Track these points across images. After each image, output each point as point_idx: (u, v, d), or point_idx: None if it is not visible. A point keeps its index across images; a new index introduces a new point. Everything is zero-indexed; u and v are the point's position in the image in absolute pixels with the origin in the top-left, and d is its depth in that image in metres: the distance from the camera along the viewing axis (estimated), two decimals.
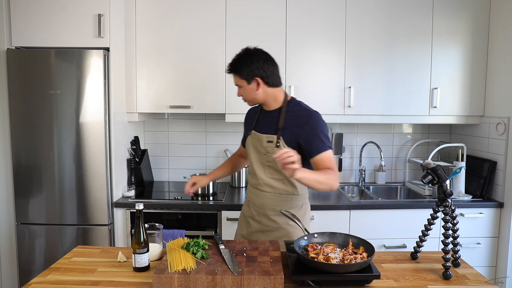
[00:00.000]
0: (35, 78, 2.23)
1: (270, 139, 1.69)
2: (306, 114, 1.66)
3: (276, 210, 1.73)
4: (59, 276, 1.36)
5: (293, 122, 1.66)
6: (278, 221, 1.74)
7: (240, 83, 1.70)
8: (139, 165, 2.67)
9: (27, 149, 2.27)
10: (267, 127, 1.72)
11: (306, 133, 1.62)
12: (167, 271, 1.25)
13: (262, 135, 1.71)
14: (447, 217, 1.41)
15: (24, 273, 2.33)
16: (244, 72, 1.66)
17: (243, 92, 1.72)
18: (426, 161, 1.46)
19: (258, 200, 1.78)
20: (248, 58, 1.66)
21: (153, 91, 2.55)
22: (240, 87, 1.71)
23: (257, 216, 1.79)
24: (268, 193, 1.75)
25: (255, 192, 1.79)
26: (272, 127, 1.70)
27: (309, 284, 1.27)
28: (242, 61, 1.67)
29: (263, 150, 1.72)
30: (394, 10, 2.54)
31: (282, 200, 1.74)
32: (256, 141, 1.75)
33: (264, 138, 1.70)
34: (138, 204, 1.40)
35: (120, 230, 2.38)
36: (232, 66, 1.70)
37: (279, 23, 2.52)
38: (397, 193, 2.91)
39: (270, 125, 1.71)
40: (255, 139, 1.75)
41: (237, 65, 1.68)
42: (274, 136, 1.68)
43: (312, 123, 1.63)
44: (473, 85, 2.60)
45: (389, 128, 3.02)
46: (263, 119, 1.78)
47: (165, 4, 2.50)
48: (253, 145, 1.77)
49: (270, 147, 1.68)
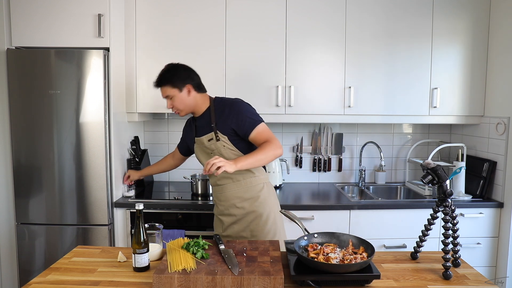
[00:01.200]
0: (35, 78, 2.23)
1: (209, 137, 1.85)
2: (229, 103, 1.86)
3: (240, 197, 1.87)
4: (59, 276, 1.36)
5: (222, 114, 1.84)
6: (245, 206, 1.87)
7: (172, 93, 1.83)
8: (139, 165, 2.67)
9: (27, 149, 2.27)
10: (204, 129, 1.88)
11: (235, 118, 1.80)
12: (167, 271, 1.25)
13: (202, 137, 1.88)
14: (447, 217, 1.41)
15: (24, 273, 2.33)
16: (175, 81, 1.82)
17: (175, 102, 1.85)
18: (426, 161, 1.46)
19: (223, 195, 1.90)
20: (176, 70, 1.85)
21: (153, 91, 2.54)
22: (171, 98, 1.84)
23: (225, 210, 1.90)
24: (228, 185, 1.88)
25: (218, 189, 1.92)
26: (207, 127, 1.87)
27: (309, 284, 1.27)
28: (171, 72, 1.84)
29: (208, 150, 1.88)
30: (394, 10, 2.54)
31: (243, 186, 1.87)
32: (201, 145, 1.91)
33: (204, 139, 1.87)
34: (138, 204, 1.40)
35: (120, 230, 2.38)
36: (163, 78, 1.83)
37: (279, 23, 2.52)
38: (397, 193, 2.91)
39: (205, 126, 1.88)
40: (199, 144, 1.91)
41: (167, 77, 1.83)
42: (211, 133, 1.84)
43: (236, 108, 1.83)
44: (473, 85, 2.60)
45: (389, 128, 3.02)
46: (199, 125, 1.93)
47: (165, 4, 2.50)
48: (201, 150, 1.93)
49: (213, 144, 1.84)
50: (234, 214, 1.89)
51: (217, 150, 1.84)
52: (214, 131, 1.83)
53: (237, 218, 1.88)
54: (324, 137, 2.97)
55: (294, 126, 2.97)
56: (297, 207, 2.37)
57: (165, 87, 1.84)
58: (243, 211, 1.87)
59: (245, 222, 1.87)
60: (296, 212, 1.82)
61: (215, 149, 1.85)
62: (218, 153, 1.84)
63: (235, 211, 1.88)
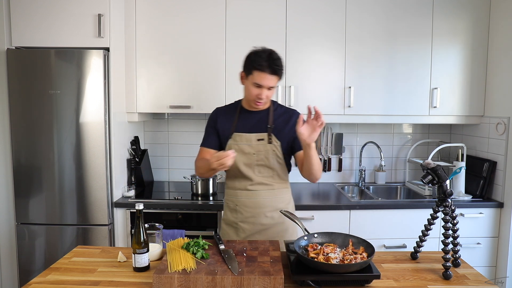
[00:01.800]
0: (35, 78, 2.23)
1: (260, 136, 1.73)
2: (290, 112, 1.79)
3: (271, 206, 1.76)
4: (59, 276, 1.36)
5: (283, 120, 1.76)
6: (275, 216, 1.77)
7: (276, 84, 1.67)
8: (139, 165, 2.67)
9: (27, 149, 2.27)
10: (254, 127, 1.74)
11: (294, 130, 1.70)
12: (167, 271, 1.25)
13: (251, 135, 1.73)
14: (447, 217, 1.41)
15: (24, 273, 2.33)
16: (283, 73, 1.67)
17: (270, 93, 1.68)
18: (426, 161, 1.46)
19: (251, 200, 1.76)
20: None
21: (153, 91, 2.55)
22: (270, 89, 1.67)
23: (251, 217, 1.76)
24: (262, 191, 1.76)
25: (246, 194, 1.77)
26: (260, 126, 1.74)
27: (309, 284, 1.27)
28: (283, 64, 1.66)
29: (252, 150, 1.73)
30: (394, 10, 2.54)
31: (276, 195, 1.78)
32: (241, 143, 1.73)
33: (253, 137, 1.73)
34: (138, 204, 1.40)
35: (120, 230, 2.38)
36: (280, 68, 1.64)
37: (279, 23, 2.52)
38: (397, 193, 2.91)
39: (258, 124, 1.75)
40: (241, 141, 1.73)
41: (282, 67, 1.65)
42: (265, 133, 1.73)
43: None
44: (473, 85, 2.60)
45: (389, 128, 3.02)
46: (245, 119, 1.76)
47: (165, 4, 2.50)
48: (237, 147, 1.73)
49: (261, 144, 1.72)
50: (261, 223, 1.76)
51: (264, 153, 1.72)
52: (268, 132, 1.72)
53: (263, 228, 1.76)
54: (324, 137, 2.97)
55: None
56: (297, 207, 2.35)
57: (276, 77, 1.64)
58: (272, 221, 1.76)
59: (271, 233, 1.77)
60: (296, 212, 1.82)
61: (262, 151, 1.72)
62: (263, 156, 1.73)
63: (263, 220, 1.76)
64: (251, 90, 1.66)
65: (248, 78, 1.67)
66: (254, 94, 1.66)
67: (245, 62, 1.70)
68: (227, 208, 1.84)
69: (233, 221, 1.81)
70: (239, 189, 1.79)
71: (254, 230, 1.77)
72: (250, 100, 1.70)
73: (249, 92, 1.67)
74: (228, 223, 1.83)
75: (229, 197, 1.83)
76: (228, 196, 1.84)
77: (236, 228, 1.80)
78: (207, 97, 2.54)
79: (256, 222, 1.76)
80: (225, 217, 1.86)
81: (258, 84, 1.63)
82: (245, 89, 1.72)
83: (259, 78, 1.62)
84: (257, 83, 1.63)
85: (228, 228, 1.83)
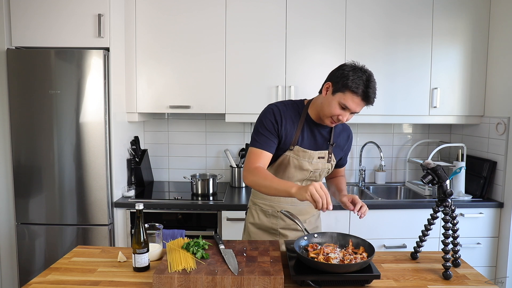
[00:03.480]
0: (35, 78, 2.23)
1: (321, 155, 1.61)
2: (349, 132, 1.73)
3: (310, 213, 1.75)
4: (59, 276, 1.36)
5: (342, 137, 1.69)
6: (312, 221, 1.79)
7: (360, 111, 1.52)
8: (139, 165, 2.67)
9: (27, 149, 2.27)
10: (317, 143, 1.61)
11: (347, 147, 1.73)
12: (167, 271, 1.25)
13: (314, 152, 1.59)
14: (447, 217, 1.41)
15: (24, 273, 2.34)
16: None
17: (350, 118, 1.53)
18: (426, 161, 1.46)
19: (296, 208, 1.69)
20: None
21: (153, 91, 2.55)
22: (352, 114, 1.52)
23: (292, 225, 1.70)
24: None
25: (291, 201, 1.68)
26: (322, 143, 1.62)
27: (309, 284, 1.27)
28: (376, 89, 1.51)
29: (310, 167, 1.60)
30: (394, 10, 2.54)
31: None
32: (303, 159, 1.59)
33: (316, 155, 1.59)
34: (138, 204, 1.40)
35: (120, 230, 2.38)
36: (374, 97, 1.50)
37: (279, 23, 2.52)
38: (397, 193, 2.91)
39: (320, 140, 1.61)
40: (303, 156, 1.58)
41: (375, 97, 1.50)
42: (326, 151, 1.62)
43: (352, 137, 1.75)
44: (473, 85, 2.60)
45: (389, 128, 3.02)
46: (309, 132, 1.60)
47: (165, 4, 2.50)
48: (297, 162, 1.59)
49: (320, 163, 1.61)
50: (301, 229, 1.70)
51: (320, 171, 1.63)
52: (329, 151, 1.62)
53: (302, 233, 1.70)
54: None
55: None
56: None
57: (366, 104, 1.50)
58: (309, 227, 1.74)
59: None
60: None
61: (319, 169, 1.62)
62: (318, 174, 1.63)
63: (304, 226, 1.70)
64: (334, 108, 1.47)
65: (335, 94, 1.48)
66: (336, 113, 1.48)
67: (337, 75, 1.50)
68: (262, 213, 1.72)
69: (270, 227, 1.72)
70: (282, 198, 1.68)
71: (294, 236, 1.72)
72: (326, 117, 1.51)
73: (330, 109, 1.48)
74: (263, 229, 1.73)
75: (268, 202, 1.71)
76: (264, 201, 1.71)
77: (274, 234, 1.72)
78: (207, 97, 2.54)
79: (297, 229, 1.70)
80: (258, 221, 1.73)
81: (345, 106, 1.46)
82: (325, 103, 1.50)
83: (350, 102, 1.45)
84: (346, 105, 1.46)
85: (263, 233, 1.74)
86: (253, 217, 1.75)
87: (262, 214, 1.72)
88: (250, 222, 1.76)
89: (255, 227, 1.75)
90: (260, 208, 1.73)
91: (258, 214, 1.73)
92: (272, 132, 1.54)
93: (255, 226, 1.75)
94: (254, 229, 1.75)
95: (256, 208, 1.74)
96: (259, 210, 1.73)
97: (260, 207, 1.73)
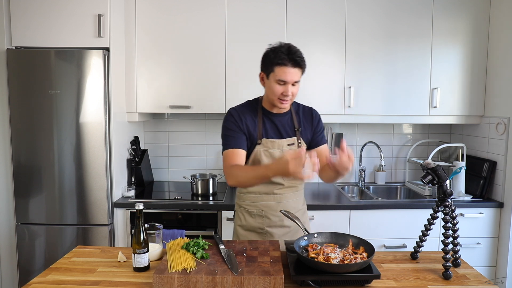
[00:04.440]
0: (35, 78, 2.23)
1: (290, 142, 1.65)
2: (312, 111, 1.73)
3: (296, 208, 1.74)
4: (59, 276, 1.36)
5: (305, 120, 1.70)
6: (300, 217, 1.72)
7: (299, 79, 1.55)
8: (139, 165, 2.67)
9: (27, 149, 2.27)
10: (282, 132, 1.65)
11: (315, 127, 1.71)
12: (167, 271, 1.25)
13: (282, 140, 1.64)
14: (447, 217, 1.41)
15: (24, 273, 2.33)
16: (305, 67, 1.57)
17: (295, 89, 1.56)
18: (426, 161, 1.46)
19: (280, 205, 1.71)
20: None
21: (153, 91, 2.55)
22: (294, 85, 1.55)
23: (279, 221, 1.71)
24: (288, 193, 1.72)
25: (274, 197, 1.71)
26: (289, 130, 1.66)
27: (309, 284, 1.27)
28: (303, 56, 1.55)
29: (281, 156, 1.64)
30: (394, 10, 2.54)
31: (299, 196, 1.77)
32: (273, 149, 1.63)
33: (284, 143, 1.64)
34: (138, 204, 1.40)
35: (120, 230, 2.38)
36: (302, 59, 1.53)
37: (279, 23, 2.52)
38: (397, 193, 2.91)
39: (284, 128, 1.66)
40: (272, 146, 1.63)
41: (304, 59, 1.54)
42: (294, 138, 1.66)
43: (318, 116, 1.74)
44: (473, 85, 2.60)
45: (389, 128, 3.02)
46: (270, 123, 1.66)
47: (165, 4, 2.50)
48: (268, 154, 1.64)
49: (292, 150, 1.63)
50: (288, 226, 1.72)
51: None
52: (297, 137, 1.65)
53: (290, 229, 1.73)
54: None
55: None
56: None
57: (299, 70, 1.53)
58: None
59: (295, 234, 1.73)
60: None
61: None
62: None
63: (290, 222, 1.68)
64: (275, 88, 1.54)
65: (269, 77, 1.56)
66: (279, 92, 1.53)
67: (263, 61, 1.59)
68: (248, 214, 1.74)
69: (258, 227, 1.73)
70: (265, 194, 1.70)
71: (281, 233, 1.73)
72: (275, 100, 1.57)
73: (273, 91, 1.55)
74: (251, 229, 1.74)
75: (252, 202, 1.73)
76: (248, 202, 1.73)
77: (262, 234, 1.73)
78: (207, 97, 2.54)
79: (284, 225, 1.72)
80: (245, 223, 1.75)
81: (282, 81, 1.52)
82: (268, 89, 1.60)
83: (282, 74, 1.51)
84: (281, 79, 1.51)
85: (251, 234, 1.75)
86: (240, 220, 1.78)
87: (248, 215, 1.75)
88: (238, 224, 1.79)
89: (243, 229, 1.78)
90: (245, 210, 1.76)
91: (244, 215, 1.77)
92: (237, 130, 1.62)
93: (243, 228, 1.77)
94: (243, 231, 1.78)
95: (241, 210, 1.77)
96: (244, 211, 1.76)
97: (245, 209, 1.76)
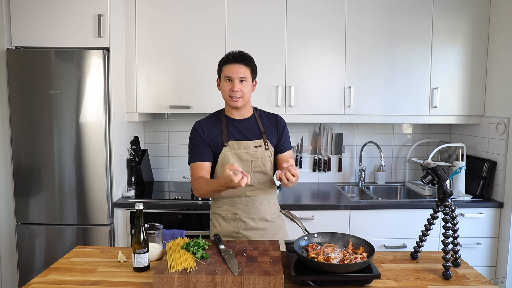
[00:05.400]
0: (35, 78, 2.23)
1: (257, 144, 1.72)
2: (277, 117, 1.82)
3: (270, 210, 1.77)
4: (59, 276, 1.36)
5: (270, 125, 1.78)
6: (274, 219, 1.79)
7: (247, 76, 1.67)
8: (139, 165, 2.67)
9: (27, 149, 2.27)
10: (248, 134, 1.73)
11: (280, 132, 1.78)
12: (167, 271, 1.25)
13: (249, 142, 1.71)
14: (447, 217, 1.41)
15: (24, 273, 2.33)
16: (253, 67, 1.71)
17: (245, 87, 1.67)
18: (426, 161, 1.46)
19: (252, 207, 1.74)
20: (252, 59, 1.73)
21: (153, 91, 2.55)
22: (243, 81, 1.66)
23: (252, 223, 1.74)
24: (261, 196, 1.75)
25: (246, 200, 1.73)
26: (254, 133, 1.74)
27: (309, 284, 1.27)
28: (251, 57, 1.71)
29: (250, 157, 1.70)
30: (394, 10, 2.54)
31: (271, 199, 1.79)
32: (238, 150, 1.70)
33: (251, 145, 1.71)
34: (138, 204, 1.40)
35: (120, 230, 2.38)
36: (246, 56, 1.69)
37: (279, 23, 2.52)
38: (397, 193, 2.91)
39: (251, 131, 1.74)
40: (239, 148, 1.70)
41: (249, 57, 1.70)
42: (261, 140, 1.73)
43: (283, 122, 1.81)
44: (473, 85, 2.60)
45: (389, 128, 3.02)
46: (234, 128, 1.73)
47: (165, 4, 2.50)
48: (235, 156, 1.69)
49: (259, 151, 1.71)
50: (263, 228, 1.75)
51: (261, 159, 1.71)
52: (264, 139, 1.72)
53: (266, 232, 1.75)
54: (324, 137, 2.97)
55: (294, 126, 2.97)
56: (297, 207, 2.37)
57: (244, 66, 1.66)
58: (273, 225, 1.77)
59: (271, 236, 1.76)
60: (296, 212, 1.82)
61: (260, 158, 1.71)
62: (260, 162, 1.71)
63: (265, 224, 1.75)
64: (224, 86, 1.68)
65: (221, 78, 1.71)
66: (228, 88, 1.66)
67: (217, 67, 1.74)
68: (222, 219, 1.76)
69: (233, 231, 1.75)
70: (237, 197, 1.73)
71: (257, 235, 1.75)
72: (227, 98, 1.69)
73: (223, 89, 1.69)
74: (226, 235, 1.76)
75: (225, 206, 1.75)
76: (221, 207, 1.76)
77: (238, 238, 1.75)
78: (207, 97, 2.54)
79: (259, 228, 1.75)
80: (220, 229, 1.76)
81: (228, 77, 1.66)
82: (221, 91, 1.72)
83: (227, 70, 1.66)
84: (227, 75, 1.66)
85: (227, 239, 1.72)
86: (215, 227, 1.79)
87: (222, 220, 1.77)
88: (214, 233, 1.78)
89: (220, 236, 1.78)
90: (220, 216, 1.78)
91: (218, 222, 1.78)
92: (201, 142, 1.71)
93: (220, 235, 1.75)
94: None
95: (216, 217, 1.79)
96: (219, 218, 1.78)
97: (220, 215, 1.78)
